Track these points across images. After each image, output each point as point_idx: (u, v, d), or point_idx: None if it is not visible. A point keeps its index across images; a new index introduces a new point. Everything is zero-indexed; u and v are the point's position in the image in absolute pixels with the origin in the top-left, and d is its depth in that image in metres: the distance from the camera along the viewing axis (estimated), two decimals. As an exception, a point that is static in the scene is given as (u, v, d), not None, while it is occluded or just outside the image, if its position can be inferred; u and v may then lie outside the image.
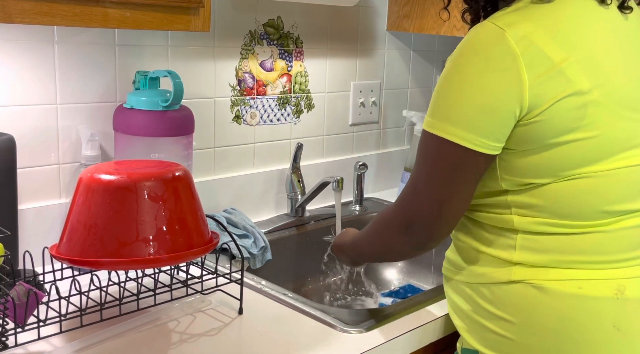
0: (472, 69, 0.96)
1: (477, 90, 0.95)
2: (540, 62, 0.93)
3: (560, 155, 0.97)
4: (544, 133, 0.96)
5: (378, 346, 1.11)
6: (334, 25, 1.84)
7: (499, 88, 0.94)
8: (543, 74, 0.93)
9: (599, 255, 1.00)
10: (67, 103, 1.36)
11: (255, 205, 1.73)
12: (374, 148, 2.06)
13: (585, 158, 0.98)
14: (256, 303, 1.25)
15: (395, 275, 1.86)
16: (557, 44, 0.94)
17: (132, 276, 1.21)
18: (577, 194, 0.99)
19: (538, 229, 1.01)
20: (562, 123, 0.95)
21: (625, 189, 1.00)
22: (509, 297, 1.03)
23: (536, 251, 1.01)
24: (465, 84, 0.96)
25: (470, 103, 0.95)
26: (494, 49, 0.94)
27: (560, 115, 0.94)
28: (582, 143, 0.97)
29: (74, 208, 1.07)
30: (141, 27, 1.16)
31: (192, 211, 1.10)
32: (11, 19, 1.01)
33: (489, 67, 0.94)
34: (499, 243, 1.05)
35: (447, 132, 0.97)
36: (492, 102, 0.94)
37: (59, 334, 1.03)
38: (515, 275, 1.02)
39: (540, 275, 1.01)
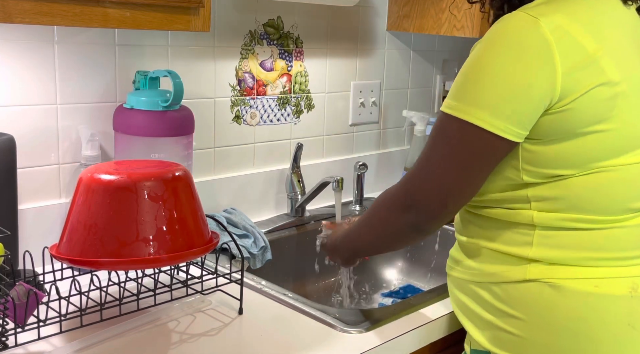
0: (505, 55, 0.94)
1: (510, 76, 0.94)
2: (575, 51, 0.94)
3: (586, 145, 0.97)
4: (573, 122, 0.95)
5: (378, 346, 1.11)
6: (334, 25, 1.84)
7: (532, 75, 0.93)
8: (577, 63, 0.94)
9: (615, 252, 1.00)
10: (67, 103, 1.36)
11: (255, 205, 1.73)
12: (374, 148, 2.05)
13: (611, 150, 0.98)
14: (256, 303, 1.25)
15: (395, 275, 1.86)
16: (590, 35, 0.95)
17: (132, 276, 1.21)
18: (599, 188, 0.99)
19: (558, 224, 1.00)
20: (592, 113, 0.95)
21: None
22: (523, 296, 1.02)
23: (554, 248, 1.01)
24: (497, 69, 0.95)
25: (502, 89, 0.94)
26: (528, 36, 0.94)
27: (591, 104, 0.95)
28: (608, 134, 0.97)
29: (74, 208, 1.07)
30: (141, 27, 1.16)
31: (192, 211, 1.10)
32: (11, 19, 1.01)
33: (523, 54, 0.94)
34: (514, 240, 1.03)
35: (474, 115, 0.95)
36: (525, 89, 0.93)
37: (59, 334, 1.03)
38: (530, 274, 1.01)
39: (556, 273, 1.00)
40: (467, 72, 0.98)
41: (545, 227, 1.01)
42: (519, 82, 0.94)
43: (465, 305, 1.11)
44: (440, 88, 2.23)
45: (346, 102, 1.93)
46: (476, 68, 0.97)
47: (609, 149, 0.98)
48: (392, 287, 1.82)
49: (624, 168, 0.99)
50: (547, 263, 1.01)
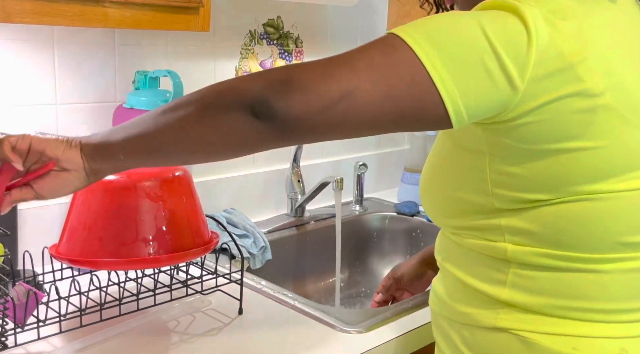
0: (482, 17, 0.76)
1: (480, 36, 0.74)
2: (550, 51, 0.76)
3: (560, 165, 0.80)
4: (539, 136, 0.79)
5: (378, 346, 1.11)
6: (334, 25, 1.84)
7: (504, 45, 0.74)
8: (549, 66, 0.76)
9: (602, 303, 0.83)
10: (67, 103, 1.36)
11: (255, 205, 1.73)
12: (374, 148, 2.05)
13: (593, 172, 0.80)
14: (256, 303, 1.25)
15: (395, 275, 1.86)
16: (572, 35, 0.78)
17: (132, 276, 1.21)
18: (583, 219, 0.82)
19: (534, 261, 0.84)
20: (562, 127, 0.78)
21: None
22: (490, 346, 0.88)
23: (529, 292, 0.85)
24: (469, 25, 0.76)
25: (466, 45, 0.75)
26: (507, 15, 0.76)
27: (560, 116, 0.78)
28: (587, 154, 0.79)
29: (74, 208, 1.07)
30: (141, 27, 1.16)
31: (192, 211, 1.10)
32: (11, 18, 1.01)
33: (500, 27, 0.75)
34: (487, 277, 0.89)
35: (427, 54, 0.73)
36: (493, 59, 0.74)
37: (59, 334, 1.03)
38: (501, 321, 0.87)
39: (531, 324, 0.85)
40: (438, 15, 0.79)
41: (520, 264, 0.85)
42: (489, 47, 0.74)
43: (437, 345, 1.01)
44: (440, 88, 2.22)
45: (346, 102, 1.93)
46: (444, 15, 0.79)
47: (591, 171, 0.80)
48: (392, 287, 1.82)
49: (612, 196, 0.81)
50: (520, 309, 0.86)
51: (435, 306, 1.00)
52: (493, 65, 0.74)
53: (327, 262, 1.68)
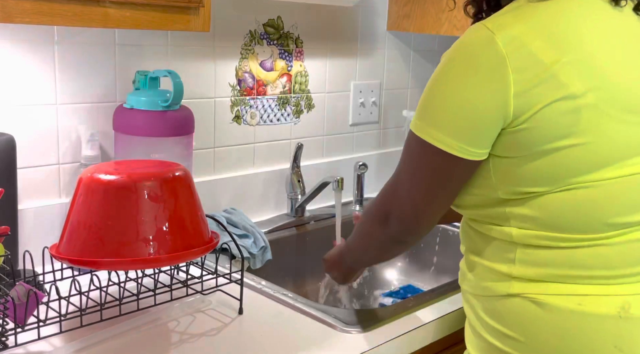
0: (459, 75, 0.94)
1: (462, 97, 0.93)
2: (530, 65, 0.90)
3: (555, 162, 0.93)
4: (534, 140, 0.92)
5: (378, 346, 1.11)
6: (334, 25, 1.84)
7: (483, 96, 0.92)
8: (532, 79, 0.90)
9: (602, 270, 0.95)
10: (67, 103, 1.36)
11: (255, 205, 1.73)
12: (374, 148, 2.06)
13: (583, 165, 0.93)
14: (256, 303, 1.25)
15: (395, 275, 1.86)
16: (550, 45, 0.91)
17: (132, 276, 1.21)
18: (576, 205, 0.94)
19: (537, 243, 0.97)
20: (553, 129, 0.91)
21: (630, 200, 0.95)
22: (507, 311, 1.00)
23: (535, 265, 0.97)
24: (451, 90, 0.95)
25: (454, 109, 0.94)
26: (481, 53, 0.92)
27: (550, 120, 0.90)
28: (577, 150, 0.92)
29: (74, 208, 1.07)
30: (141, 27, 1.16)
31: (192, 211, 1.10)
32: (11, 18, 1.01)
33: (476, 73, 0.92)
34: (499, 257, 1.01)
35: (430, 135, 0.96)
36: (476, 111, 0.93)
37: (59, 334, 1.03)
38: (513, 288, 0.99)
39: (539, 288, 0.97)
40: (427, 89, 0.98)
41: (525, 245, 0.98)
42: (470, 103, 0.93)
43: (467, 316, 1.10)
44: (440, 88, 2.22)
45: (346, 102, 1.93)
46: (434, 86, 0.97)
47: (582, 164, 0.93)
48: (392, 287, 1.82)
49: (601, 184, 0.93)
50: (529, 280, 0.98)
51: (463, 285, 1.11)
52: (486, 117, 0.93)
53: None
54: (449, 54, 0.97)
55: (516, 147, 0.94)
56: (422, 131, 0.97)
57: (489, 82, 0.91)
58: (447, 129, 0.95)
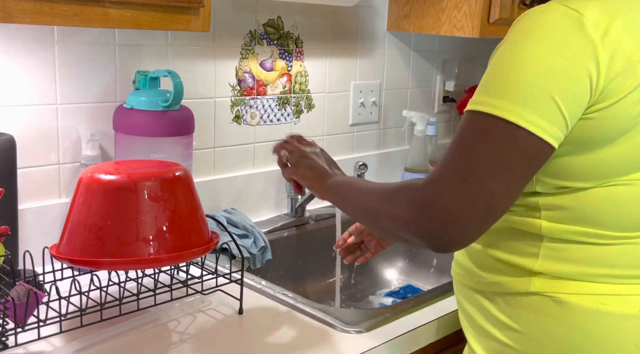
0: (547, 47, 0.84)
1: (553, 69, 0.83)
2: (616, 54, 0.85)
3: (610, 157, 0.90)
4: (605, 130, 0.88)
5: (378, 346, 1.11)
6: (334, 25, 1.84)
7: (577, 70, 0.83)
8: (617, 68, 0.85)
9: (625, 269, 0.94)
10: (67, 103, 1.36)
11: (255, 205, 1.73)
12: (374, 148, 2.06)
13: (633, 163, 0.91)
14: (256, 303, 1.25)
15: (395, 275, 1.86)
16: (629, 37, 0.86)
17: (132, 276, 1.21)
18: (617, 202, 0.92)
19: (566, 237, 0.94)
20: (623, 121, 0.87)
21: None
22: (525, 309, 0.97)
23: (560, 261, 0.95)
24: (539, 62, 0.83)
25: (545, 83, 0.83)
26: (570, 30, 0.84)
27: (625, 111, 0.86)
28: (633, 146, 0.90)
29: (74, 208, 1.08)
30: (141, 27, 1.16)
31: (192, 211, 1.10)
32: (11, 19, 1.01)
33: (567, 48, 0.84)
34: (520, 250, 0.97)
35: (516, 114, 0.82)
36: (569, 84, 0.83)
37: (59, 334, 1.03)
38: (534, 286, 0.96)
39: (561, 287, 0.95)
40: (502, 65, 0.86)
41: (553, 239, 0.95)
42: (565, 79, 0.83)
43: (467, 312, 1.08)
44: (440, 88, 2.23)
45: (346, 102, 1.93)
46: (514, 60, 0.85)
47: (631, 162, 0.91)
48: (392, 287, 1.82)
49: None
50: (552, 276, 0.95)
51: (463, 279, 1.07)
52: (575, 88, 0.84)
53: (327, 262, 1.68)
54: (525, 29, 0.87)
55: (578, 137, 0.88)
56: (508, 111, 0.82)
57: (582, 57, 0.83)
58: (545, 113, 0.83)
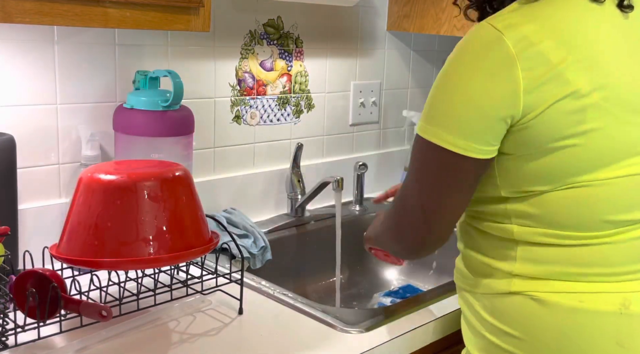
0: (467, 73, 0.93)
1: (470, 96, 0.92)
2: (539, 64, 0.90)
3: (558, 161, 0.93)
4: (539, 138, 0.92)
5: (378, 346, 1.11)
6: (334, 25, 1.84)
7: (492, 94, 0.91)
8: (540, 77, 0.89)
9: (602, 267, 0.96)
10: (67, 103, 1.36)
11: (255, 205, 1.73)
12: (374, 148, 2.06)
13: (585, 165, 0.93)
14: (256, 303, 1.25)
15: (395, 275, 1.86)
16: (557, 44, 0.91)
17: (132, 276, 1.21)
18: (576, 203, 0.95)
19: (537, 240, 0.97)
20: (558, 128, 0.91)
21: (629, 198, 0.96)
22: (508, 309, 1.00)
23: (536, 263, 0.98)
24: (458, 89, 0.93)
25: (462, 109, 0.93)
26: (490, 53, 0.91)
27: (556, 118, 0.90)
28: (580, 149, 0.92)
29: (74, 208, 1.08)
30: (141, 27, 1.16)
31: (192, 211, 1.10)
32: (11, 19, 1.01)
33: (484, 72, 0.92)
34: (499, 254, 1.01)
35: (436, 136, 0.94)
36: (485, 109, 0.92)
37: (59, 334, 1.03)
38: (514, 286, 0.99)
39: (540, 286, 0.97)
40: (433, 90, 0.97)
41: (526, 242, 0.98)
42: (479, 102, 0.92)
43: (463, 314, 1.10)
44: (440, 89, 2.22)
45: (346, 102, 1.93)
46: (440, 87, 0.96)
47: (582, 164, 0.93)
48: (392, 287, 1.82)
49: (602, 183, 0.94)
50: (530, 277, 0.98)
51: (460, 282, 1.11)
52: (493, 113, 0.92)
53: (327, 262, 1.68)
54: (455, 53, 0.96)
55: (521, 145, 0.94)
56: (428, 133, 0.95)
57: (498, 81, 0.91)
58: (455, 129, 0.93)
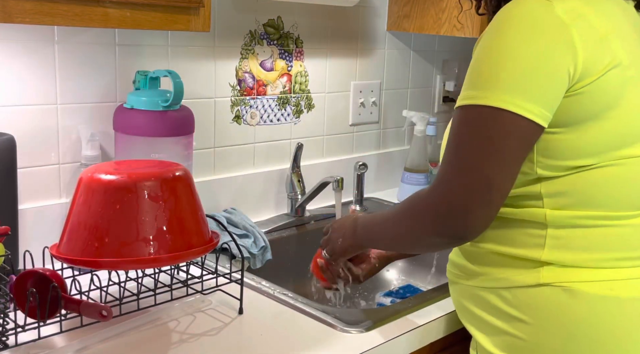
0: (523, 36, 0.91)
1: (532, 56, 0.90)
2: (590, 32, 0.92)
3: (605, 132, 0.94)
4: (594, 105, 0.93)
5: (378, 346, 1.11)
6: (334, 25, 1.84)
7: (554, 53, 0.90)
8: (594, 44, 0.92)
9: (628, 251, 0.97)
10: (67, 103, 1.36)
11: (255, 205, 1.73)
12: (374, 148, 2.06)
13: (625, 138, 0.95)
14: (256, 303, 1.25)
15: (395, 275, 1.86)
16: (600, 17, 0.95)
17: (132, 276, 1.21)
18: (613, 182, 0.96)
19: (570, 223, 0.96)
20: (606, 97, 0.93)
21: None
22: (535, 301, 0.98)
23: (567, 249, 0.97)
24: (517, 50, 0.90)
25: (527, 70, 0.90)
26: (542, 17, 0.91)
27: (606, 87, 0.93)
28: (622, 122, 0.95)
29: (74, 208, 1.08)
30: (141, 27, 1.16)
31: (192, 211, 1.10)
32: (11, 19, 1.01)
33: (541, 34, 0.91)
34: (524, 242, 0.99)
35: (504, 100, 0.89)
36: (549, 67, 0.90)
37: (59, 334, 1.03)
38: (543, 278, 0.98)
39: (571, 276, 0.97)
40: (483, 58, 0.93)
41: (557, 226, 0.97)
42: (542, 61, 0.90)
43: (469, 311, 1.08)
44: (440, 88, 2.23)
45: (346, 102, 1.93)
46: (493, 52, 0.92)
47: (624, 138, 0.95)
48: (392, 287, 1.82)
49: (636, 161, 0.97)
50: (560, 265, 0.97)
51: (460, 279, 1.09)
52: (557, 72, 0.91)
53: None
54: (501, 23, 0.93)
55: (566, 114, 0.93)
56: (487, 99, 0.90)
57: (557, 41, 0.91)
58: (522, 92, 0.89)
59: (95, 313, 0.99)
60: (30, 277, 1.02)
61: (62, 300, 1.00)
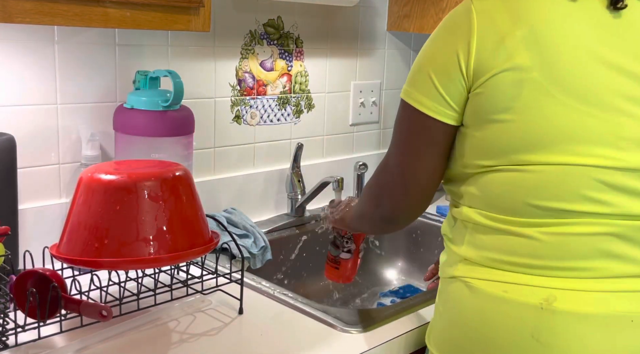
0: (436, 38, 1.00)
1: (430, 51, 1.00)
2: (490, 33, 0.94)
3: (499, 134, 0.94)
4: (487, 106, 0.95)
5: (378, 346, 1.11)
6: (334, 25, 1.84)
7: (448, 46, 0.97)
8: (489, 46, 0.94)
9: (528, 259, 0.95)
10: (67, 103, 1.36)
11: (255, 205, 1.73)
12: (374, 148, 2.06)
13: (521, 142, 0.94)
14: (256, 303, 1.25)
15: (395, 275, 1.86)
16: (510, 18, 0.94)
17: (132, 276, 1.21)
18: (509, 184, 0.95)
19: (480, 221, 1.00)
20: (499, 99, 0.93)
21: (558, 187, 0.94)
22: (447, 293, 1.04)
23: (476, 247, 1.00)
24: (425, 46, 1.01)
25: (422, 64, 1.00)
26: (456, 17, 0.98)
27: (498, 89, 0.93)
28: (516, 125, 0.93)
29: (74, 208, 1.08)
30: (141, 27, 1.16)
31: (192, 211, 1.10)
32: (11, 18, 1.01)
33: (447, 31, 0.99)
34: (457, 238, 1.05)
35: (409, 95, 1.00)
36: (441, 61, 0.97)
37: (59, 334, 1.03)
38: (457, 271, 1.02)
39: (474, 272, 1.00)
40: None
41: (474, 224, 1.01)
42: (437, 57, 0.98)
43: None
44: (440, 89, 2.23)
45: (346, 102, 1.93)
46: (420, 52, 1.03)
47: (520, 141, 0.93)
48: (392, 287, 1.82)
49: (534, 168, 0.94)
50: (470, 262, 1.01)
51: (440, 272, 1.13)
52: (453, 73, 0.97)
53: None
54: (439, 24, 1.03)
55: (474, 113, 0.97)
56: (404, 93, 1.02)
57: (455, 40, 0.96)
58: (422, 88, 0.99)
59: (95, 313, 0.99)
60: (30, 277, 1.02)
61: (62, 300, 1.00)
